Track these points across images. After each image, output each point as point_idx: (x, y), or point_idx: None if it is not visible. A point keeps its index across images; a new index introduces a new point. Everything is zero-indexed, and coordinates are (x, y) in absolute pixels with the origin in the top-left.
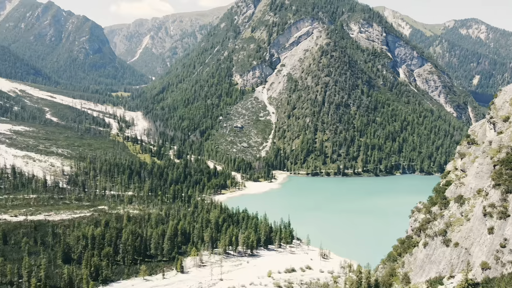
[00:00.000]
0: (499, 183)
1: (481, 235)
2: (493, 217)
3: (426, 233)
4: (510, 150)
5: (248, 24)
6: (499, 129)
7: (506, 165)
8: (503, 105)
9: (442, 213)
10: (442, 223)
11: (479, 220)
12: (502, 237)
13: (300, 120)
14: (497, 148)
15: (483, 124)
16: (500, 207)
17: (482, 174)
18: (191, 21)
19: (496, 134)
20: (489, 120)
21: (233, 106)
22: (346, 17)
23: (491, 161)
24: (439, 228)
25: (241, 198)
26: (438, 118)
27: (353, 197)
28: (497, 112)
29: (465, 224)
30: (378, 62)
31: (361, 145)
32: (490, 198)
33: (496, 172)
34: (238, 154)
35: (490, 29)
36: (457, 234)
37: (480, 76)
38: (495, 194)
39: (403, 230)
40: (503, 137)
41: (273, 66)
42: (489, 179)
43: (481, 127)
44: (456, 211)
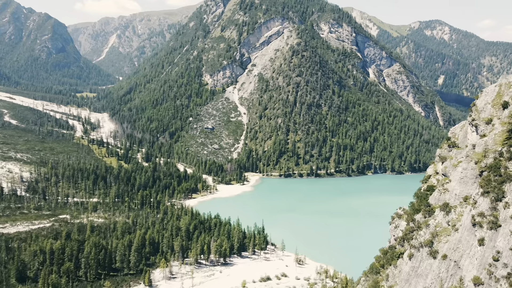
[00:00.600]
0: (487, 190)
1: (471, 247)
2: (483, 227)
3: (410, 244)
4: (498, 155)
5: (218, 23)
6: (482, 132)
7: (495, 171)
8: (485, 107)
9: (427, 222)
10: (428, 233)
11: (468, 231)
12: (494, 249)
13: (272, 121)
14: (482, 152)
15: (464, 126)
16: (490, 216)
17: (467, 179)
18: (159, 20)
19: (479, 137)
20: (471, 122)
21: (203, 107)
22: (316, 17)
23: (476, 166)
24: (424, 238)
25: (213, 202)
26: (407, 118)
27: (326, 198)
28: (479, 114)
29: (453, 234)
30: (349, 62)
31: (333, 146)
32: (478, 206)
33: (484, 179)
34: (209, 156)
35: (453, 30)
36: (444, 245)
37: (445, 76)
38: (484, 202)
39: (375, 230)
40: (488, 141)
41: (243, 66)
42: (474, 185)
43: (462, 129)
44: (442, 220)
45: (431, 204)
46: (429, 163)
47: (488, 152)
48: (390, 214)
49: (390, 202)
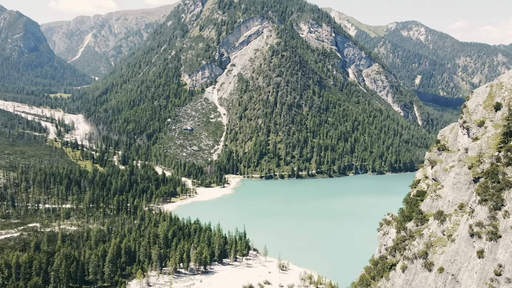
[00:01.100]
0: (485, 198)
1: (470, 259)
2: (482, 238)
3: (404, 255)
4: (495, 160)
5: (196, 22)
6: (474, 134)
7: (492, 177)
8: (477, 108)
9: (420, 231)
10: (422, 243)
11: (466, 242)
12: (495, 262)
13: (252, 122)
14: (476, 156)
15: (453, 129)
16: (489, 226)
17: (460, 185)
18: (136, 19)
19: (472, 141)
20: (462, 124)
21: (182, 108)
22: (296, 16)
23: (469, 171)
24: (418, 249)
25: (192, 206)
26: (387, 118)
27: (308, 199)
28: (470, 116)
29: (449, 245)
30: (328, 62)
31: (314, 146)
32: (476, 215)
33: (481, 186)
34: (188, 158)
35: (428, 31)
36: (440, 256)
37: (422, 76)
38: (482, 211)
39: (358, 232)
40: (481, 144)
41: (223, 66)
42: (468, 191)
43: (451, 131)
44: (436, 229)
45: (423, 212)
46: (409, 163)
47: (483, 157)
48: (371, 215)
49: (371, 203)
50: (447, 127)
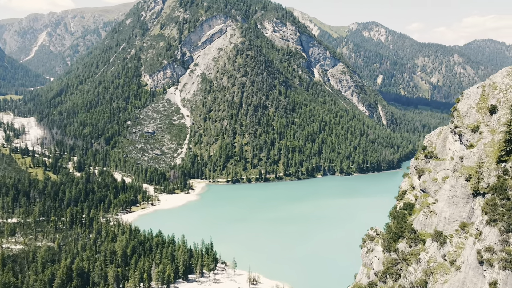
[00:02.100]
0: (494, 218)
1: None
2: (494, 267)
3: (399, 284)
4: (502, 172)
5: (157, 20)
6: (468, 141)
7: (500, 193)
8: (469, 111)
9: (415, 254)
10: (420, 269)
11: (474, 270)
12: None
13: (217, 123)
14: (474, 166)
15: (441, 134)
16: (502, 252)
17: (457, 200)
18: (94, 17)
19: (465, 148)
20: (453, 129)
21: (142, 109)
22: (260, 15)
23: (467, 183)
24: (416, 276)
25: (154, 215)
26: (353, 118)
27: (276, 204)
28: (462, 121)
29: (453, 273)
30: (294, 62)
31: (281, 148)
32: (485, 239)
33: (488, 203)
34: (150, 163)
35: (388, 32)
36: (442, 286)
37: (383, 76)
38: (492, 233)
39: (328, 236)
40: (479, 152)
41: (185, 65)
42: (467, 206)
43: (438, 137)
44: (436, 253)
45: (416, 230)
46: (376, 164)
47: (484, 168)
48: (341, 218)
49: (340, 205)
50: (433, 132)
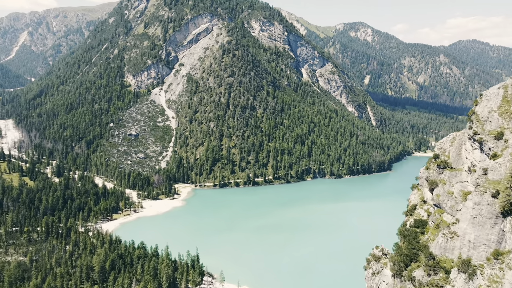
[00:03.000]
0: None
1: None
2: None
3: None
4: None
5: (141, 19)
6: (492, 150)
7: None
8: (490, 116)
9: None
10: None
11: None
12: None
13: (203, 125)
14: (504, 180)
15: (454, 140)
16: None
17: (483, 220)
18: (77, 17)
19: (488, 157)
20: (472, 136)
21: (126, 111)
22: (247, 14)
23: (494, 200)
24: None
25: (137, 223)
26: (343, 119)
27: (266, 210)
28: (482, 126)
29: None
30: (282, 61)
31: (270, 150)
32: None
33: None
34: (133, 167)
35: (375, 32)
36: None
37: (370, 76)
38: None
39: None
40: (506, 163)
41: (170, 65)
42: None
43: (452, 144)
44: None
45: (435, 255)
46: (367, 165)
47: None
48: (332, 224)
49: (330, 209)
50: (445, 138)
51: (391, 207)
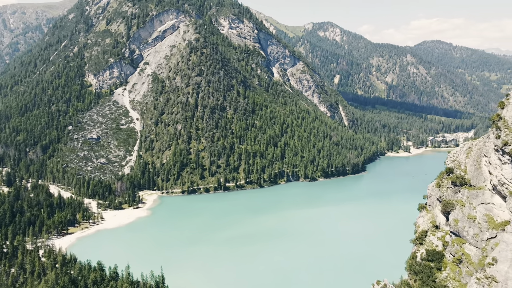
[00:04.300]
0: None
1: None
2: None
3: None
4: None
5: (103, 15)
6: None
7: None
8: None
9: None
10: None
11: None
12: None
13: (170, 127)
14: None
15: (471, 151)
16: None
17: None
18: (36, 13)
19: None
20: (500, 148)
21: (86, 113)
22: (215, 11)
23: None
24: None
25: (96, 237)
26: (315, 119)
27: (238, 217)
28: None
29: None
30: (252, 60)
31: (242, 153)
32: None
33: None
34: (94, 173)
35: (343, 32)
36: None
37: (340, 76)
38: None
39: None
40: None
41: (134, 64)
42: None
43: (468, 155)
44: None
45: None
46: (341, 167)
47: None
48: (308, 231)
49: (306, 215)
50: (459, 148)
51: (367, 211)
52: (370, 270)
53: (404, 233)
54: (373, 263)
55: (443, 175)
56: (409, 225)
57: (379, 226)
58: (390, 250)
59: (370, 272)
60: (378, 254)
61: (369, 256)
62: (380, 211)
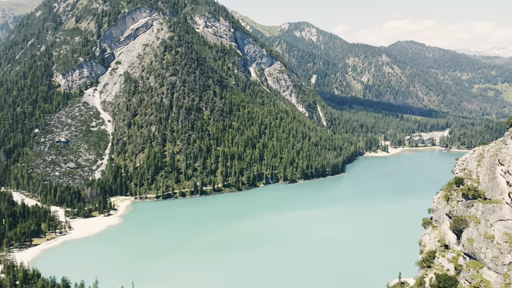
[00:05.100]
0: None
1: None
2: None
3: None
4: None
5: (72, 13)
6: None
7: None
8: None
9: None
10: None
11: None
12: None
13: (144, 129)
14: None
15: (483, 158)
16: None
17: None
18: (3, 11)
19: None
20: None
21: (54, 115)
22: (190, 9)
23: None
24: None
25: (63, 249)
26: (294, 120)
27: (216, 223)
28: None
29: None
30: (229, 60)
31: (219, 156)
32: None
33: None
34: (63, 178)
35: (319, 32)
36: None
37: (317, 76)
38: None
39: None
40: None
41: (106, 63)
42: None
43: (480, 163)
44: None
45: None
46: (321, 169)
47: None
48: (288, 237)
49: (286, 220)
50: (468, 155)
51: (349, 213)
52: (355, 275)
53: (387, 235)
54: (357, 268)
55: (452, 186)
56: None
57: (362, 229)
58: (374, 254)
59: (355, 277)
60: (362, 258)
61: (353, 260)
62: (362, 213)
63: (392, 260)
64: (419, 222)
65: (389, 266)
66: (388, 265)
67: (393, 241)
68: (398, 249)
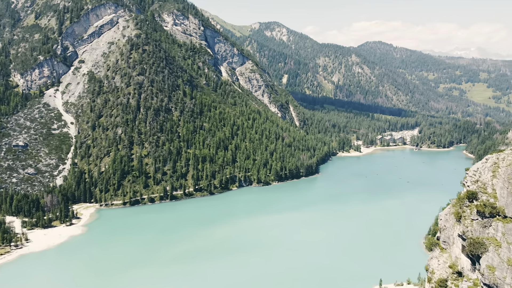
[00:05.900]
0: None
1: None
2: None
3: None
4: None
5: (31, 9)
6: None
7: None
8: None
9: None
10: None
11: None
12: None
13: (109, 132)
14: None
15: (498, 168)
16: None
17: None
18: None
19: None
20: None
21: (11, 117)
22: (158, 6)
23: None
24: None
25: (19, 264)
26: (266, 120)
27: (187, 230)
28: None
29: None
30: (199, 59)
31: (189, 158)
32: None
33: None
34: (21, 185)
35: (290, 32)
36: None
37: (288, 75)
38: None
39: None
40: None
41: (68, 62)
42: None
43: (495, 173)
44: None
45: None
46: (295, 170)
47: None
48: (263, 243)
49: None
50: (479, 164)
51: (325, 216)
52: (333, 282)
53: (363, 238)
54: (336, 274)
55: (463, 200)
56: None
57: (338, 232)
58: (352, 258)
59: (334, 285)
60: (340, 264)
61: (331, 267)
62: (337, 215)
63: (371, 265)
64: (394, 223)
65: (368, 272)
66: (367, 270)
67: (370, 244)
68: (375, 252)
